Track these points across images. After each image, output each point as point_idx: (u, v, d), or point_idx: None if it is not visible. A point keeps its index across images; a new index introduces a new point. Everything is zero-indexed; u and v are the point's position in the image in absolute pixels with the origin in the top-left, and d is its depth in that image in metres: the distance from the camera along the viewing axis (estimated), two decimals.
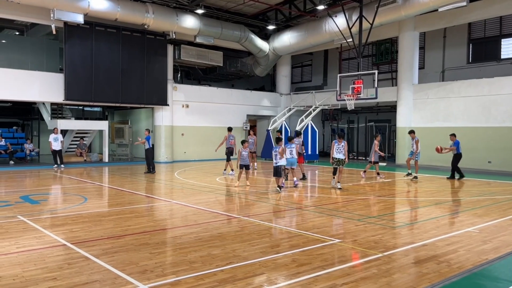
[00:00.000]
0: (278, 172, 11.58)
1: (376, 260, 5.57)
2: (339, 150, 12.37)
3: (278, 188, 11.61)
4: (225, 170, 16.31)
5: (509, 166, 17.00)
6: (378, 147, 15.27)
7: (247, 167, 12.71)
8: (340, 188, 12.11)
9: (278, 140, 12.04)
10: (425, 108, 20.39)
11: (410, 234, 7.11)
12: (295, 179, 12.94)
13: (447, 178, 14.91)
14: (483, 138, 17.77)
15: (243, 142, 12.99)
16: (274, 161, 11.74)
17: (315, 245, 6.24)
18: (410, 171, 15.24)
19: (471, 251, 6.03)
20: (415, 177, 14.65)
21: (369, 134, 25.06)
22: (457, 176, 14.85)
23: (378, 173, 15.35)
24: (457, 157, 14.73)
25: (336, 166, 12.54)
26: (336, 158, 12.45)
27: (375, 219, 8.15)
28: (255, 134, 18.80)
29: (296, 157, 12.95)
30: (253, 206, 9.74)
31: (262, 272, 5.05)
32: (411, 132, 15.25)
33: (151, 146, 16.74)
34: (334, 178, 12.73)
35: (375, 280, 4.80)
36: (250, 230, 7.21)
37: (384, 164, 21.06)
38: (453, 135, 14.96)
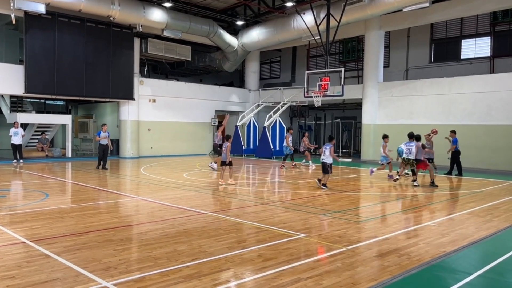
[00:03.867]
0: (324, 168, 11.78)
1: (340, 254, 5.69)
2: (409, 150, 12.74)
3: (321, 185, 11.72)
4: (213, 163, 16.40)
5: (467, 162, 17.66)
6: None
7: (228, 163, 12.32)
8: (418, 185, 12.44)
9: (331, 139, 12.44)
10: (390, 106, 20.92)
11: (373, 228, 7.30)
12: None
13: (445, 174, 15.46)
14: (443, 135, 18.37)
15: (228, 137, 12.58)
16: (322, 156, 12.09)
17: (281, 240, 6.30)
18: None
19: (430, 244, 6.26)
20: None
21: (335, 130, 25.50)
22: (455, 172, 15.53)
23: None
24: (455, 153, 15.35)
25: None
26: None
27: (340, 214, 8.31)
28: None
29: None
30: (220, 202, 9.72)
31: (228, 268, 5.06)
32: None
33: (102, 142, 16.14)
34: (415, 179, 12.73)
35: (339, 274, 4.91)
36: (216, 225, 7.20)
37: (350, 160, 21.48)
38: (453, 132, 15.50)
